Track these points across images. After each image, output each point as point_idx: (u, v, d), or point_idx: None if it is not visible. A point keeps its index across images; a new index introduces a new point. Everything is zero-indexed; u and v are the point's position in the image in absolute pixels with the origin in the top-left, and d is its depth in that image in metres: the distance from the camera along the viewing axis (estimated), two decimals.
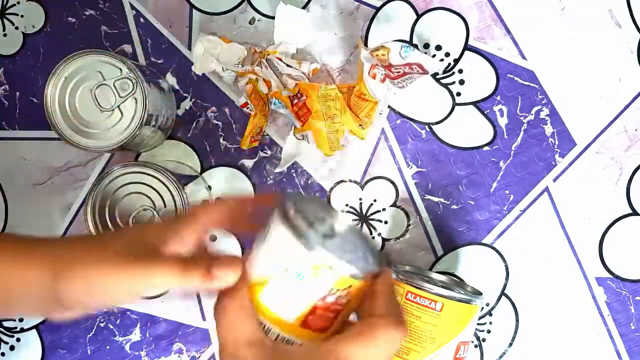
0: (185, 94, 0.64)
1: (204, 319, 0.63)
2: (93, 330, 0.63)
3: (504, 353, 0.62)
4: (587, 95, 0.63)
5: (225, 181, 0.63)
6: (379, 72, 0.58)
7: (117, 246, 0.37)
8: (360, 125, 0.61)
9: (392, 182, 0.63)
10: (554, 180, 0.63)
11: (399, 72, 0.57)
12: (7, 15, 0.65)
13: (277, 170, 0.63)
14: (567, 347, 0.62)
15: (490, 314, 0.62)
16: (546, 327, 0.62)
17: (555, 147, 0.63)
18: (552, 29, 0.63)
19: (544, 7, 0.63)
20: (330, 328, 0.36)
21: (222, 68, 0.62)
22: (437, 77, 0.63)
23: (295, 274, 0.35)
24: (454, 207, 0.63)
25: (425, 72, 0.56)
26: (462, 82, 0.63)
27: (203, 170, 0.64)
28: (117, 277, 0.35)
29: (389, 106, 0.63)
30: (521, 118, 0.63)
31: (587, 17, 0.63)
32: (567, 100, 0.63)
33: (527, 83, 0.63)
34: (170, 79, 0.64)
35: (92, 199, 0.58)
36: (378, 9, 0.63)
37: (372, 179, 0.63)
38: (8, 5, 0.65)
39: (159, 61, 0.64)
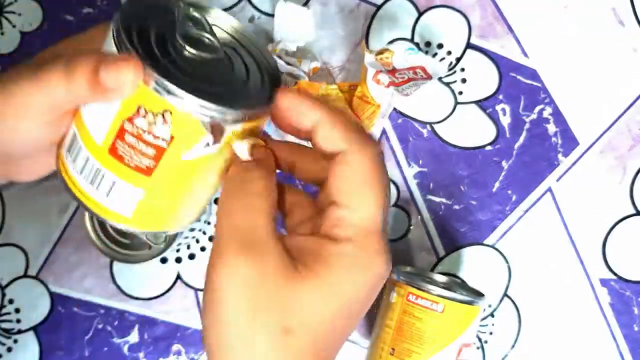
0: None
1: (202, 308, 0.63)
2: (91, 332, 0.62)
3: (507, 355, 0.62)
4: (590, 94, 0.63)
5: None
6: (383, 78, 0.58)
7: (34, 64, 0.31)
8: None
9: (393, 182, 0.62)
10: (557, 180, 0.62)
11: (403, 77, 0.57)
12: (4, 14, 0.64)
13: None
14: (570, 349, 0.61)
15: (493, 316, 0.62)
16: (549, 328, 0.62)
17: (558, 146, 0.62)
18: (555, 27, 0.63)
19: (547, 5, 0.63)
20: (153, 170, 0.30)
21: None
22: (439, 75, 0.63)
23: None
24: (456, 207, 0.62)
25: (429, 76, 0.55)
26: (464, 80, 0.63)
27: None
28: (6, 89, 0.29)
29: None
30: (524, 117, 0.62)
31: (590, 16, 0.63)
32: (570, 99, 0.62)
33: (529, 82, 0.63)
34: None
35: None
36: (379, 7, 0.63)
37: None
38: (6, 4, 0.64)
39: None
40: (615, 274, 0.62)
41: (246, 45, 0.34)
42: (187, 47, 0.31)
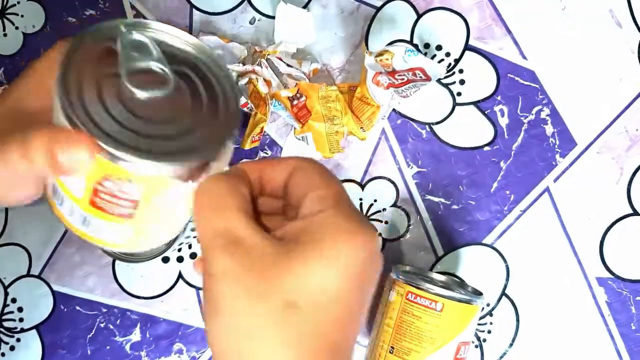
0: None
1: (204, 319, 0.63)
2: (93, 331, 0.63)
3: (505, 353, 0.62)
4: (588, 95, 0.63)
5: None
6: (383, 80, 0.58)
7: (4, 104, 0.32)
8: (361, 127, 0.61)
9: (393, 182, 0.63)
10: (555, 180, 0.63)
11: (403, 79, 0.57)
12: (7, 15, 0.65)
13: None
14: (568, 348, 0.62)
15: (491, 314, 0.62)
16: (547, 327, 0.62)
17: (556, 147, 0.63)
18: (552, 28, 0.63)
19: (545, 7, 0.63)
20: (134, 215, 0.31)
21: None
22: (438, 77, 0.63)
23: None
24: (455, 207, 0.63)
25: (428, 78, 0.56)
26: (462, 82, 0.63)
27: None
28: None
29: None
30: (522, 118, 0.63)
31: (587, 17, 0.63)
32: (567, 100, 0.63)
33: (527, 83, 0.63)
34: None
35: None
36: (378, 9, 0.63)
37: (372, 179, 0.63)
38: (8, 5, 0.65)
39: None
40: (612, 273, 0.62)
41: (198, 57, 0.33)
42: (136, 91, 0.30)
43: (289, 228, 0.28)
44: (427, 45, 0.63)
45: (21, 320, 0.63)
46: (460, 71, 0.63)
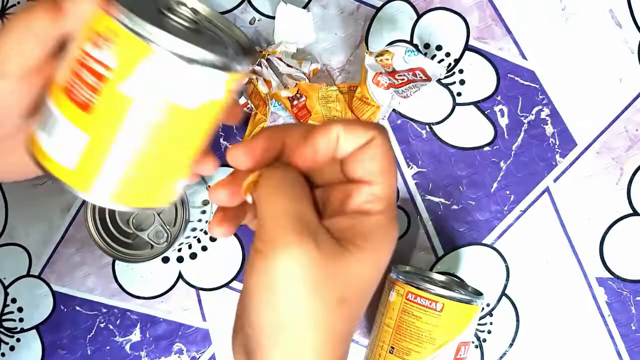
0: None
1: (204, 319, 0.63)
2: (93, 331, 0.63)
3: (505, 353, 0.62)
4: (588, 95, 0.63)
5: None
6: (383, 80, 0.58)
7: None
8: None
9: None
10: (555, 180, 0.63)
11: (403, 79, 0.57)
12: (7, 16, 0.65)
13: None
14: (568, 348, 0.62)
15: (491, 315, 0.62)
16: (547, 327, 0.62)
17: (556, 147, 0.63)
18: (552, 29, 0.63)
19: (545, 8, 0.63)
20: (90, 105, 0.27)
21: None
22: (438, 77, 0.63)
23: None
24: (455, 207, 0.63)
25: (428, 78, 0.56)
26: (462, 82, 0.63)
27: None
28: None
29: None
30: (522, 118, 0.63)
31: (587, 17, 0.63)
32: (567, 100, 0.63)
33: (527, 83, 0.63)
34: None
35: None
36: (378, 9, 0.63)
37: None
38: (8, 5, 0.64)
39: None
40: (612, 273, 0.62)
41: (218, 24, 0.33)
42: (168, 14, 0.30)
43: (348, 222, 0.29)
44: (427, 46, 0.63)
45: (21, 320, 0.63)
46: (460, 71, 0.63)
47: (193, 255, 0.63)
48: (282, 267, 0.27)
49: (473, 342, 0.62)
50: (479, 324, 0.62)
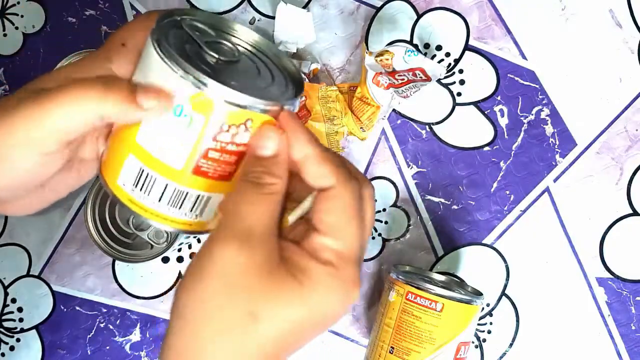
0: None
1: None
2: (93, 331, 0.63)
3: (505, 353, 0.62)
4: (588, 95, 0.63)
5: None
6: (383, 80, 0.58)
7: (36, 85, 0.31)
8: (361, 127, 0.61)
9: (393, 182, 0.63)
10: (555, 180, 0.63)
11: (403, 79, 0.57)
12: (7, 15, 0.65)
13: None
14: (568, 348, 0.62)
15: (491, 315, 0.62)
16: (546, 327, 0.62)
17: (556, 147, 0.63)
18: (552, 29, 0.63)
19: (545, 7, 0.63)
20: (234, 174, 0.31)
21: None
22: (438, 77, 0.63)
23: (172, 108, 0.29)
24: (455, 207, 0.63)
25: (428, 78, 0.56)
26: (462, 82, 0.63)
27: None
28: (10, 115, 0.29)
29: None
30: (522, 118, 0.63)
31: (587, 17, 0.63)
32: (567, 100, 0.63)
33: (527, 83, 0.63)
34: None
35: (92, 199, 0.58)
36: (378, 9, 0.63)
37: (372, 179, 0.63)
38: (8, 5, 0.65)
39: None
40: (612, 273, 0.62)
41: (262, 51, 0.35)
42: (212, 53, 0.31)
43: (300, 256, 0.29)
44: (427, 45, 0.63)
45: (21, 320, 0.63)
46: (460, 71, 0.63)
47: (193, 255, 0.63)
48: (213, 263, 0.28)
49: (473, 342, 0.62)
50: (479, 324, 0.62)
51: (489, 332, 0.62)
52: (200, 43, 0.31)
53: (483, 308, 0.62)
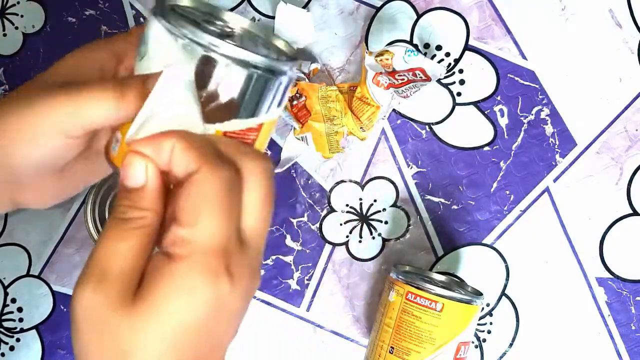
0: None
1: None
2: None
3: (505, 353, 0.62)
4: (588, 95, 0.63)
5: None
6: (383, 80, 0.58)
7: (53, 76, 0.33)
8: (361, 127, 0.61)
9: (392, 182, 0.63)
10: (555, 180, 0.63)
11: (403, 79, 0.57)
12: (7, 15, 0.65)
13: (277, 170, 0.63)
14: (568, 348, 0.62)
15: (491, 314, 0.62)
16: (546, 327, 0.62)
17: (556, 147, 0.63)
18: (552, 29, 0.63)
19: (545, 7, 0.63)
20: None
21: None
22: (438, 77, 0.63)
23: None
24: (455, 207, 0.63)
25: (428, 78, 0.56)
26: (462, 82, 0.63)
27: None
28: (30, 109, 0.30)
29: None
30: (522, 118, 0.63)
31: (587, 17, 0.63)
32: (567, 100, 0.63)
33: (527, 83, 0.63)
34: None
35: (92, 199, 0.58)
36: (378, 9, 0.63)
37: (372, 179, 0.63)
38: (8, 5, 0.65)
39: None
40: (612, 273, 0.62)
41: (255, 33, 0.36)
42: (211, 28, 0.32)
43: (152, 265, 0.27)
44: (427, 45, 0.63)
45: (21, 320, 0.63)
46: (460, 71, 0.63)
47: None
48: (76, 309, 0.27)
49: (473, 342, 0.62)
50: (479, 324, 0.62)
51: (489, 332, 0.62)
52: (198, 21, 0.32)
53: (483, 308, 0.62)
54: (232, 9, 0.64)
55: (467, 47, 0.63)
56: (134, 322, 0.26)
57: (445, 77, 0.63)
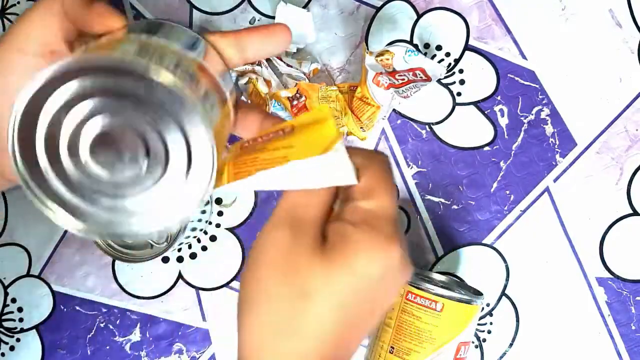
0: None
1: (204, 319, 0.63)
2: (93, 331, 0.63)
3: (505, 353, 0.62)
4: (588, 95, 0.63)
5: None
6: (383, 80, 0.58)
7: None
8: (361, 127, 0.61)
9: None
10: (555, 180, 0.63)
11: (403, 79, 0.57)
12: (7, 15, 0.65)
13: None
14: (568, 348, 0.62)
15: (491, 314, 0.62)
16: (546, 327, 0.62)
17: (556, 147, 0.63)
18: (552, 29, 0.63)
19: (545, 7, 0.63)
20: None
21: None
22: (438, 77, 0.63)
23: None
24: (455, 207, 0.63)
25: (428, 78, 0.56)
26: (462, 82, 0.63)
27: None
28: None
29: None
30: (522, 118, 0.63)
31: (587, 17, 0.63)
32: (567, 100, 0.63)
33: (527, 83, 0.63)
34: None
35: None
36: (378, 9, 0.63)
37: None
38: (8, 5, 0.65)
39: None
40: (612, 273, 0.62)
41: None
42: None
43: (339, 229, 0.31)
44: (427, 45, 0.63)
45: (21, 320, 0.63)
46: (460, 71, 0.63)
47: (193, 255, 0.63)
48: (265, 245, 0.30)
49: (473, 342, 0.62)
50: (479, 324, 0.62)
51: (489, 332, 0.62)
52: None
53: (483, 308, 0.62)
54: (232, 9, 0.64)
55: (467, 47, 0.63)
56: (326, 269, 0.29)
57: (446, 77, 0.63)
